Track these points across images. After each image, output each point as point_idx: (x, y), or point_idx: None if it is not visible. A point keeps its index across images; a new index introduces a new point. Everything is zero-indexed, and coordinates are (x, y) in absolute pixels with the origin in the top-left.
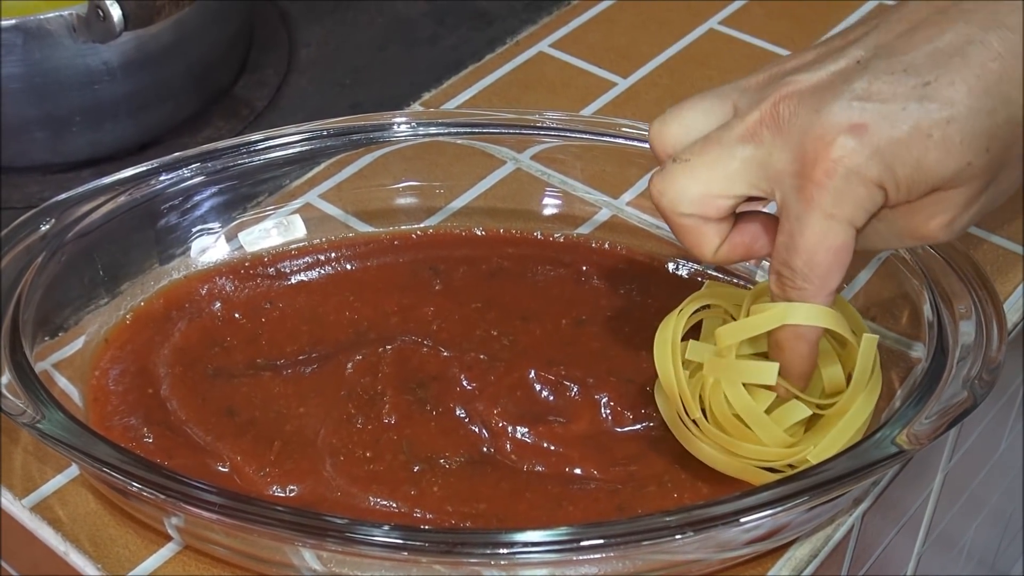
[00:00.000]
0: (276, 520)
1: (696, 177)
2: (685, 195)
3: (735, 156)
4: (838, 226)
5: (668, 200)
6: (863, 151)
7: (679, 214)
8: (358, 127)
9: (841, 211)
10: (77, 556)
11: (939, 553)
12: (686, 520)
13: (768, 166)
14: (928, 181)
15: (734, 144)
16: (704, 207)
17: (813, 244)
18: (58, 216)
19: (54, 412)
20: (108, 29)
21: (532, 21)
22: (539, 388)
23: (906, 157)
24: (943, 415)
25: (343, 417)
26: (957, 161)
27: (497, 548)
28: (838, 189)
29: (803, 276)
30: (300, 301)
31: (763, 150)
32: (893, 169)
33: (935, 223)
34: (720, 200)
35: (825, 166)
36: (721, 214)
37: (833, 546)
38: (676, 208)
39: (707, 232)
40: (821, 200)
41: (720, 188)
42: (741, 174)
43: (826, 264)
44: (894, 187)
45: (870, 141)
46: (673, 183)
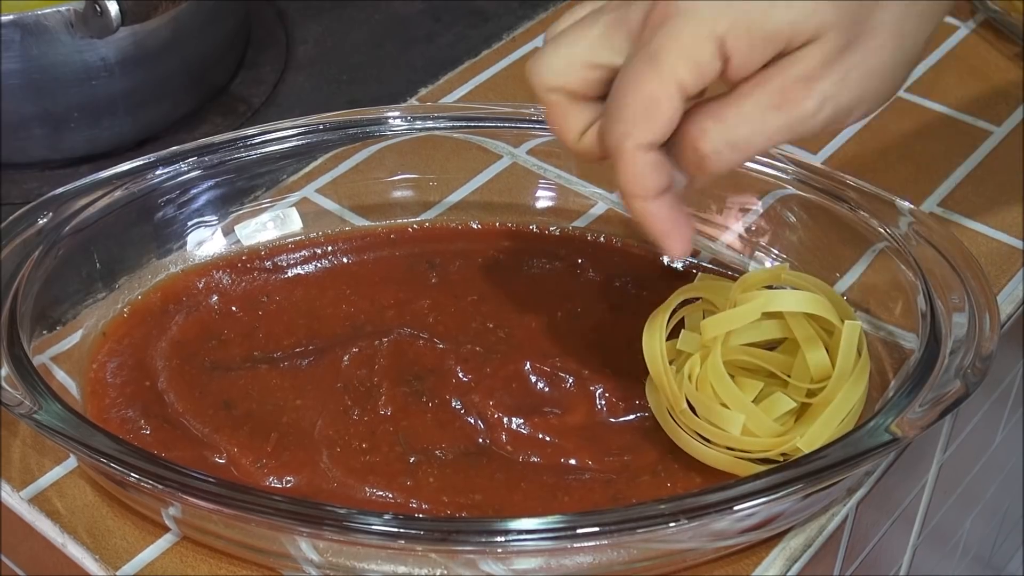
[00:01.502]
0: (273, 509)
1: (561, 46)
2: (550, 66)
3: (598, 22)
4: (656, 70)
5: (536, 73)
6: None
7: (546, 88)
8: (354, 121)
9: (666, 57)
10: (75, 548)
11: (934, 547)
12: (680, 508)
13: (624, 24)
14: (769, 29)
15: (601, 11)
16: (568, 78)
17: (629, 87)
18: (55, 210)
19: (52, 403)
20: (105, 25)
21: (528, 17)
22: (534, 380)
23: (744, 4)
24: (936, 404)
25: (339, 409)
26: (799, 5)
27: (492, 536)
28: (667, 32)
29: (612, 119)
30: (297, 294)
31: (622, 11)
32: (731, 18)
33: (793, 82)
34: (584, 70)
35: (662, 11)
36: (587, 88)
37: (827, 536)
38: (543, 81)
39: (571, 112)
40: (649, 43)
41: (582, 54)
42: (602, 38)
43: (635, 110)
44: (733, 39)
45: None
46: (541, 56)
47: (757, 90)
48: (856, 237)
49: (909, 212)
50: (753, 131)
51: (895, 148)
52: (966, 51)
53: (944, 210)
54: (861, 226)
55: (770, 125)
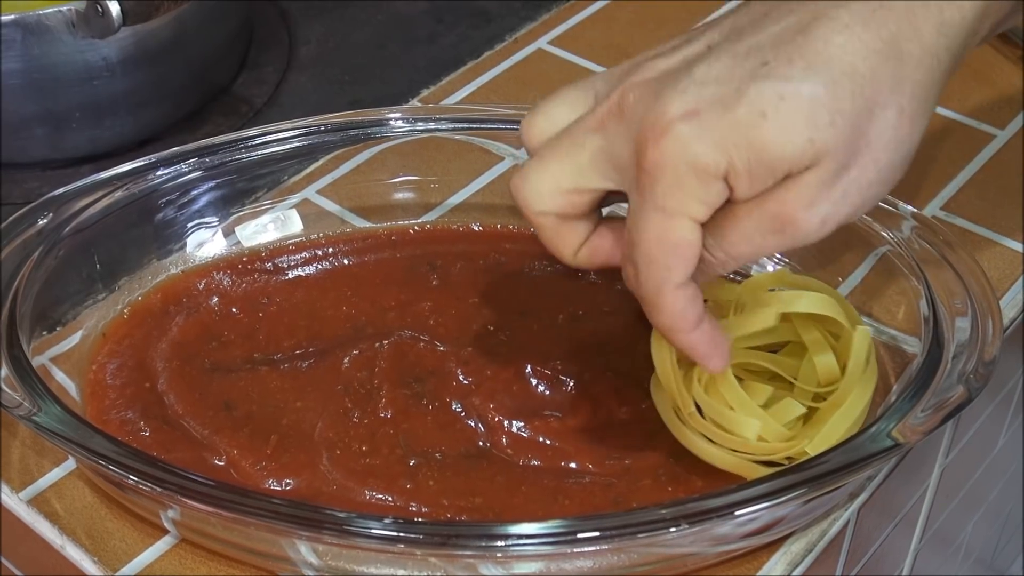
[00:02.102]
0: (272, 512)
1: (547, 172)
2: (537, 191)
3: (585, 147)
4: (671, 219)
5: (523, 198)
6: (694, 138)
7: (535, 212)
8: (356, 123)
9: (673, 203)
10: (74, 549)
11: (936, 550)
12: (681, 512)
13: (614, 156)
14: (770, 163)
15: (584, 135)
16: (558, 203)
17: (649, 238)
18: (55, 211)
19: (51, 405)
20: (107, 25)
21: (531, 18)
22: (535, 383)
23: (740, 140)
24: (938, 409)
25: (340, 411)
26: (796, 137)
27: (492, 540)
28: (668, 180)
29: (643, 271)
30: (297, 296)
31: (608, 140)
32: (727, 153)
33: (791, 208)
34: (573, 196)
35: (655, 157)
36: (578, 211)
37: (829, 541)
38: (531, 206)
39: (565, 232)
40: (652, 192)
41: (570, 182)
42: (591, 166)
43: (663, 259)
44: (733, 174)
45: (701, 126)
46: (527, 179)
47: (758, 213)
48: (858, 241)
49: (912, 216)
50: (754, 250)
51: None
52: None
53: (947, 214)
54: (863, 230)
55: (771, 243)
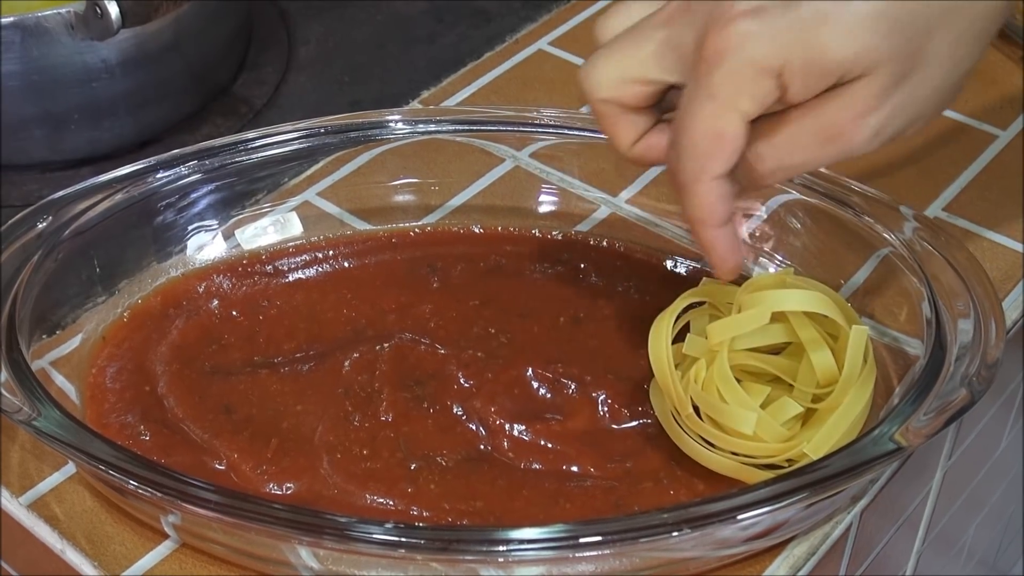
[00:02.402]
0: (273, 518)
1: (613, 59)
2: (604, 78)
3: (651, 38)
4: (722, 109)
5: (589, 84)
6: (756, 32)
7: (599, 99)
8: (356, 125)
9: (727, 92)
10: (74, 554)
11: (939, 553)
12: (683, 517)
13: (678, 47)
14: (825, 65)
15: (654, 27)
16: (621, 91)
17: (696, 123)
18: (55, 214)
19: (51, 409)
20: (106, 27)
21: (531, 19)
22: (536, 386)
23: (799, 38)
24: (941, 412)
25: (340, 415)
26: (855, 42)
27: (494, 545)
28: (726, 70)
29: (684, 157)
30: (298, 299)
31: (675, 31)
32: (787, 51)
33: (844, 116)
34: (636, 86)
35: (717, 45)
36: (639, 101)
37: (831, 544)
38: (594, 92)
39: (624, 122)
40: (708, 79)
41: (635, 71)
42: (654, 57)
43: (705, 146)
44: (789, 72)
45: (764, 22)
46: (595, 66)
47: (810, 120)
48: (860, 243)
49: (914, 218)
50: (805, 159)
51: (899, 153)
52: None
53: (949, 215)
54: (865, 231)
55: (822, 153)
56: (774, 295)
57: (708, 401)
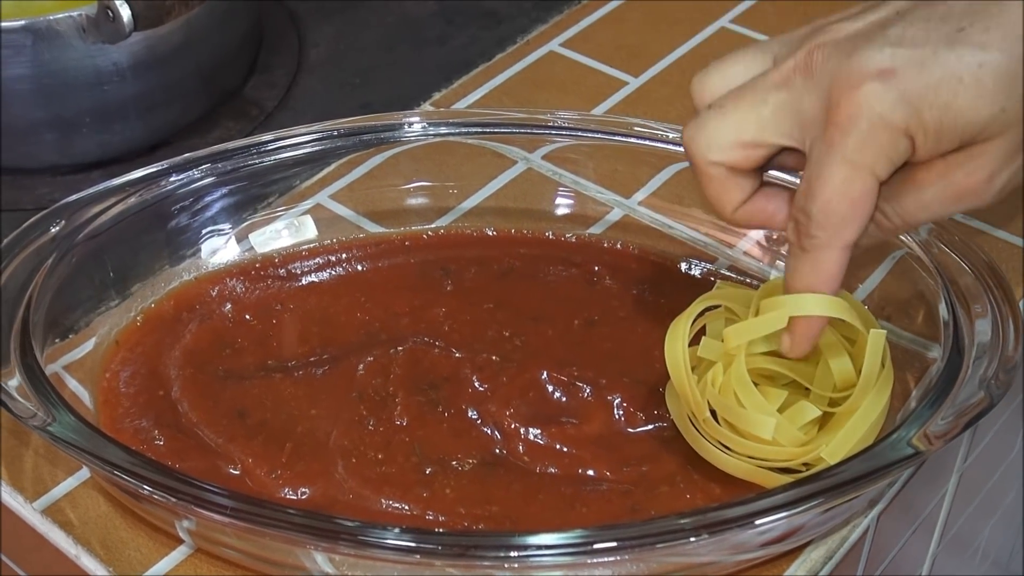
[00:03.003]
0: (288, 523)
1: (728, 122)
2: (715, 140)
3: (768, 102)
4: (858, 173)
5: (698, 146)
6: (889, 95)
7: (708, 162)
8: (368, 127)
9: (862, 157)
10: (88, 559)
11: (954, 554)
12: (701, 523)
13: (799, 112)
14: (958, 126)
15: (768, 90)
16: (733, 155)
17: (830, 189)
18: (68, 218)
19: (65, 415)
20: (117, 30)
21: (542, 20)
22: (551, 389)
23: (934, 101)
24: (959, 416)
25: (355, 419)
26: (989, 106)
27: (510, 551)
28: (861, 133)
29: (817, 223)
30: (311, 302)
31: (794, 95)
32: (920, 113)
33: (975, 179)
34: (750, 150)
35: (849, 110)
36: (750, 164)
37: (848, 547)
38: (705, 155)
39: (731, 186)
40: (843, 144)
41: (751, 135)
42: (772, 120)
43: (841, 212)
44: (922, 133)
45: (897, 85)
46: (704, 128)
47: (938, 183)
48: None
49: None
50: (929, 216)
51: None
52: None
53: (965, 216)
54: None
55: (948, 211)
56: (792, 299)
57: (726, 405)
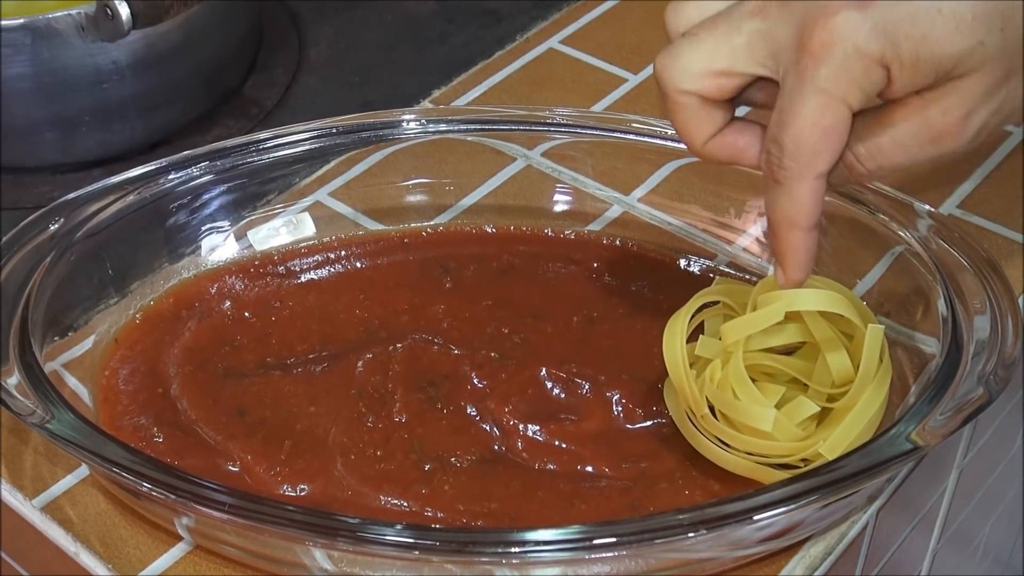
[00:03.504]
0: (287, 520)
1: (701, 50)
2: (687, 68)
3: (741, 30)
4: (830, 102)
5: (670, 74)
6: (865, 24)
7: (679, 90)
8: (367, 125)
9: (835, 86)
10: (87, 556)
11: (954, 551)
12: (699, 518)
13: (772, 40)
14: (935, 57)
15: (743, 19)
16: (705, 83)
17: (802, 119)
18: (67, 215)
19: (64, 412)
20: (117, 28)
21: (542, 18)
22: (550, 386)
23: (911, 31)
24: (958, 411)
25: (354, 416)
26: (967, 38)
27: (509, 547)
28: (834, 62)
29: (789, 153)
30: (310, 300)
31: (769, 23)
32: (896, 43)
33: (951, 117)
34: (722, 78)
35: (823, 37)
36: (722, 94)
37: (847, 544)
38: (677, 83)
39: (702, 116)
40: (815, 73)
41: (724, 63)
42: (746, 48)
43: (813, 142)
44: (897, 64)
45: (873, 15)
46: (677, 56)
47: (914, 120)
48: (875, 240)
49: (928, 215)
50: (906, 159)
51: None
52: None
53: (963, 212)
54: (880, 229)
55: (923, 153)
56: (789, 294)
57: (724, 399)
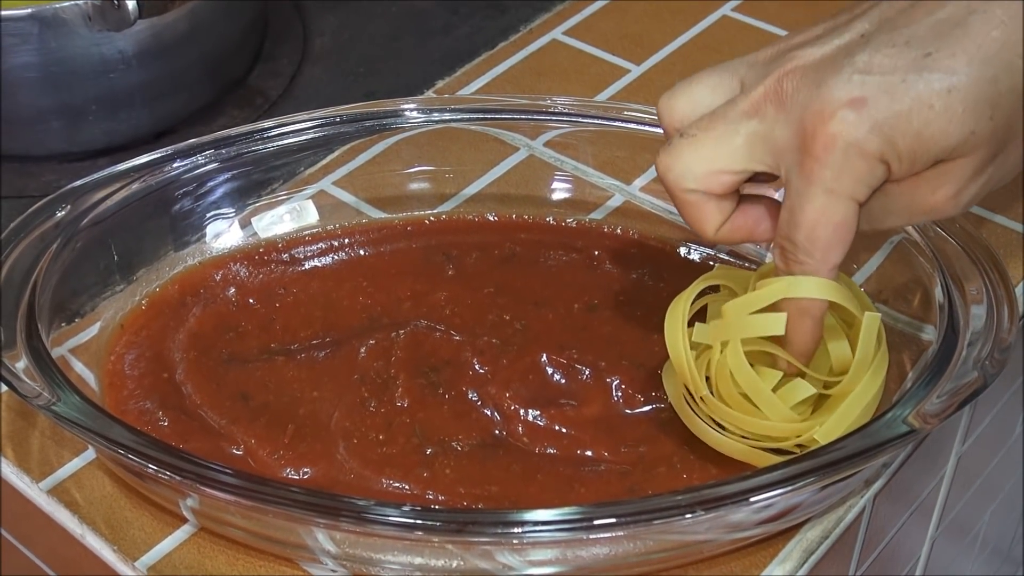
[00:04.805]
0: (290, 500)
1: (701, 152)
2: (690, 171)
3: (739, 132)
4: (838, 201)
5: (673, 176)
6: (862, 124)
7: (684, 190)
8: (371, 113)
9: (841, 185)
10: (93, 538)
11: (953, 540)
12: (696, 499)
13: (771, 141)
14: (931, 151)
15: (739, 119)
16: (708, 183)
17: (813, 219)
18: (73, 203)
19: (70, 395)
20: (123, 17)
21: (545, 9)
22: (551, 372)
23: (907, 128)
24: (954, 395)
25: (356, 401)
26: (959, 130)
27: (509, 527)
28: (837, 163)
29: (804, 250)
30: (314, 287)
31: (766, 125)
32: (894, 141)
33: (941, 195)
34: (724, 176)
35: (824, 140)
36: (725, 190)
37: (844, 528)
38: (681, 184)
39: (710, 209)
40: (821, 175)
41: (724, 163)
42: (745, 149)
43: (826, 238)
44: (896, 159)
45: (869, 114)
46: (679, 158)
47: (909, 199)
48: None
49: None
50: (894, 224)
51: None
52: None
53: None
54: None
55: (914, 220)
56: (788, 281)
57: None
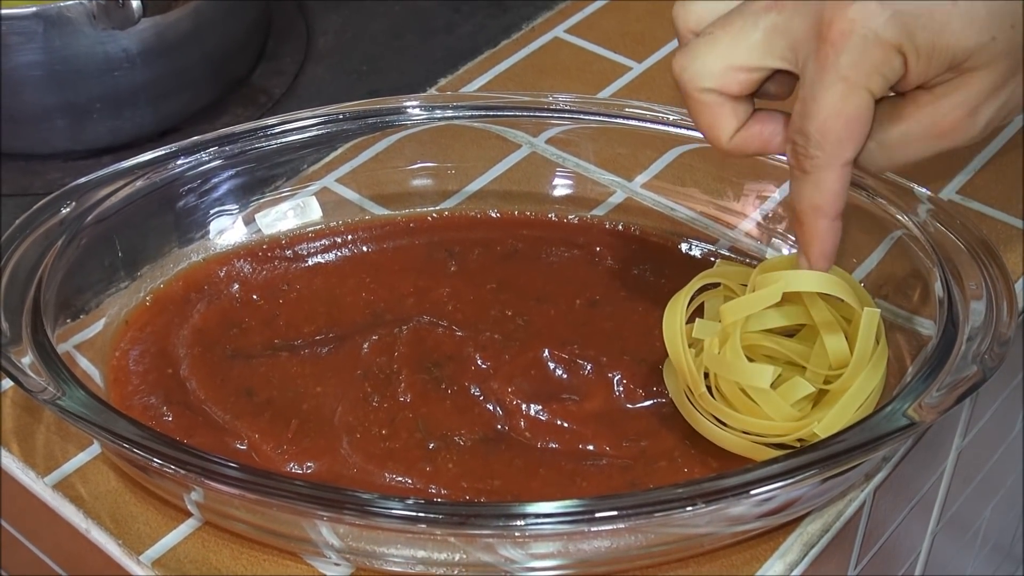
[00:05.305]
0: (294, 494)
1: (718, 49)
2: (707, 68)
3: (758, 26)
4: (853, 90)
5: (689, 74)
6: (882, 12)
7: (700, 89)
8: (374, 111)
9: (856, 74)
10: (98, 533)
11: (953, 536)
12: (697, 492)
13: (790, 33)
14: (948, 50)
15: (757, 14)
16: (725, 81)
17: (827, 108)
18: (78, 200)
19: (75, 390)
20: (127, 16)
21: (547, 7)
22: (553, 367)
23: (927, 22)
24: (953, 388)
25: (359, 396)
26: (980, 33)
27: (511, 520)
28: (855, 50)
29: (815, 143)
30: (317, 283)
31: (785, 16)
32: (913, 33)
33: (960, 111)
34: (742, 73)
35: (841, 26)
36: (743, 90)
37: (844, 522)
38: (697, 83)
39: (725, 112)
40: (836, 62)
41: (742, 59)
42: (763, 43)
43: (838, 131)
44: (914, 53)
45: (890, 4)
46: (695, 57)
47: (923, 115)
48: (874, 224)
49: (927, 199)
50: (916, 153)
51: None
52: None
53: (963, 197)
54: (879, 213)
55: (932, 148)
56: (788, 276)
57: (724, 362)
